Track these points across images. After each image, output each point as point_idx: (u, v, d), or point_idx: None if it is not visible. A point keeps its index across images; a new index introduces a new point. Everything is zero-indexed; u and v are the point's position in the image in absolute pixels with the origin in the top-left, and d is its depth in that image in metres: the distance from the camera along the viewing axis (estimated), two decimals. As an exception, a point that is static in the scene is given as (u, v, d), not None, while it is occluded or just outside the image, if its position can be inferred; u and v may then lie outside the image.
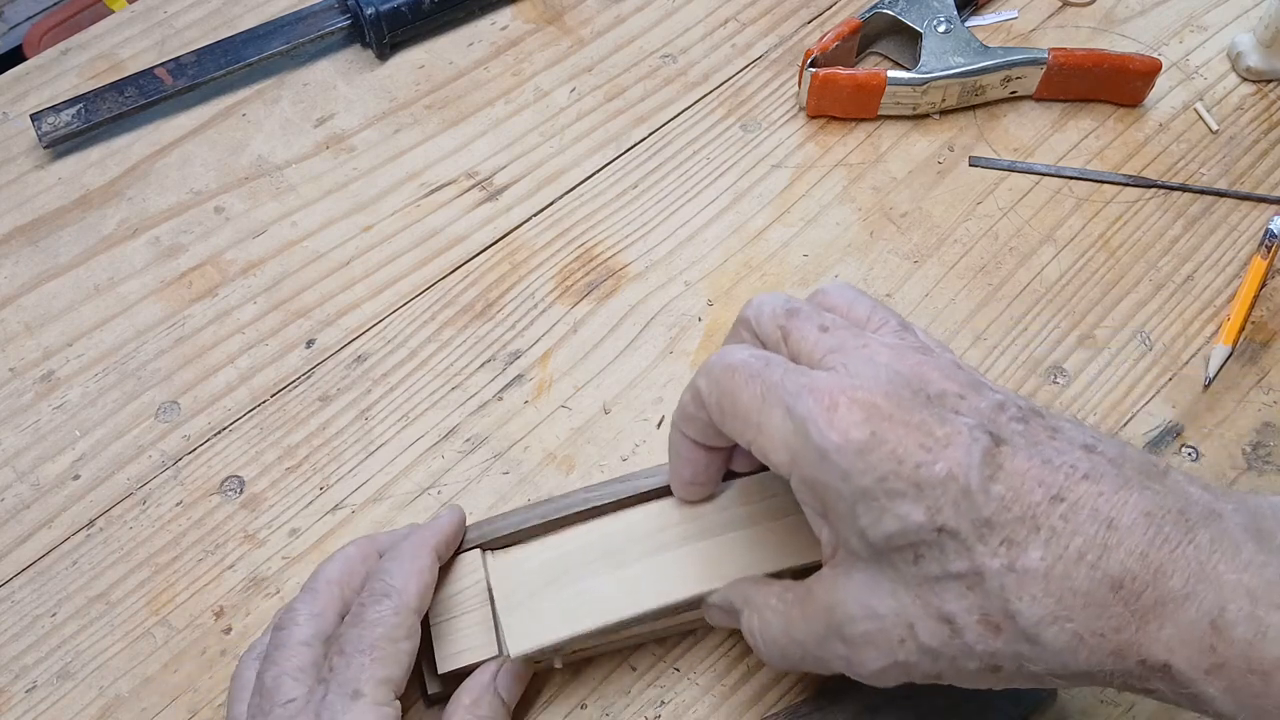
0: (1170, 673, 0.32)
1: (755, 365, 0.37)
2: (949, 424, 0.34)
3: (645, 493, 0.46)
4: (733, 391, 0.37)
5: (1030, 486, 0.33)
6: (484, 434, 0.53)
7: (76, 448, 0.53)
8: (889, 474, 0.34)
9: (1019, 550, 0.33)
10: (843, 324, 0.39)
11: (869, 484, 0.34)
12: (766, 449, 0.37)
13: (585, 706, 0.47)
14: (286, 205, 0.60)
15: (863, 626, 0.36)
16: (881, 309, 0.40)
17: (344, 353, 0.56)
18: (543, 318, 0.57)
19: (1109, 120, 0.62)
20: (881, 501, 0.34)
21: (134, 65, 0.65)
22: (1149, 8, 0.67)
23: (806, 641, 0.38)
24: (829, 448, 0.34)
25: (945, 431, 0.34)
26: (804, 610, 0.38)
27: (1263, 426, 0.53)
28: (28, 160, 0.62)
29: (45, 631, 0.48)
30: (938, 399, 0.35)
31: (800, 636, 0.38)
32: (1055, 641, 0.33)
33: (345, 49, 0.66)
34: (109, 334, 0.56)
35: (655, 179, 0.61)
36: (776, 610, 0.39)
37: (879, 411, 0.34)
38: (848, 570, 0.36)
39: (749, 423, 0.37)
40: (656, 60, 0.65)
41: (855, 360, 0.36)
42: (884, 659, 0.36)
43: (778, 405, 0.36)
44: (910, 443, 0.34)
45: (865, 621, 0.36)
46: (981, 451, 0.34)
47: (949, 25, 0.61)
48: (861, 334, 0.38)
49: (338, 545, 0.50)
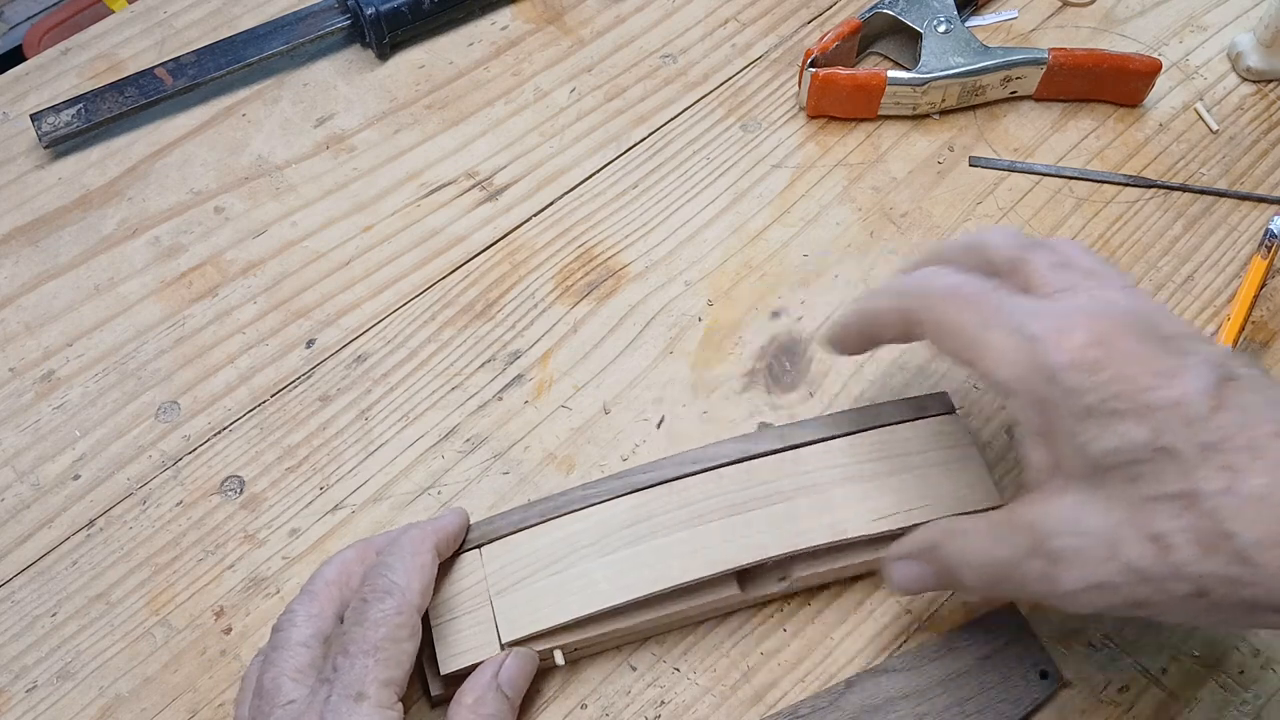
0: None
1: (977, 287, 0.40)
2: (1179, 357, 0.35)
3: (641, 488, 0.46)
4: (955, 312, 0.39)
5: (1256, 420, 0.34)
6: (484, 434, 0.53)
7: (76, 448, 0.53)
8: (1116, 394, 0.35)
9: (1240, 475, 0.34)
10: (1076, 267, 0.40)
11: (1094, 402, 0.35)
12: (990, 368, 0.38)
13: (585, 706, 0.47)
14: (286, 205, 0.60)
15: (1067, 541, 0.36)
16: (1108, 266, 0.41)
17: (344, 353, 0.56)
18: (543, 318, 0.57)
19: (1109, 120, 0.62)
20: (1105, 419, 0.35)
21: (134, 65, 0.65)
22: (1149, 8, 0.67)
23: (1008, 560, 0.38)
24: (1059, 365, 0.36)
25: (1176, 363, 0.35)
26: (1008, 529, 0.38)
27: (1263, 426, 0.53)
28: (28, 160, 0.62)
29: (45, 631, 0.48)
30: (1169, 339, 0.36)
31: (1002, 555, 0.38)
32: (1272, 563, 0.33)
33: (345, 49, 0.66)
34: (109, 334, 0.56)
35: (655, 179, 0.61)
36: (979, 531, 0.39)
37: (1111, 338, 0.36)
38: (1060, 491, 0.37)
39: (970, 341, 0.38)
40: (656, 60, 0.65)
41: (1087, 296, 0.38)
42: (1085, 577, 0.36)
43: (1002, 327, 0.38)
44: (1140, 368, 0.35)
45: (1071, 537, 0.36)
46: (1211, 382, 0.35)
47: (949, 25, 0.61)
48: (1094, 276, 0.40)
49: (338, 545, 0.50)
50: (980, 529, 0.40)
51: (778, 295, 0.57)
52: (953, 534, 0.41)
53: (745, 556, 0.45)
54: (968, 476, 0.47)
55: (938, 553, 0.41)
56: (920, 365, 0.55)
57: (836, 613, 0.48)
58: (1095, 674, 0.47)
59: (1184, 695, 0.46)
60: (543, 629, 0.43)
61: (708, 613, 0.47)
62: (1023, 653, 0.47)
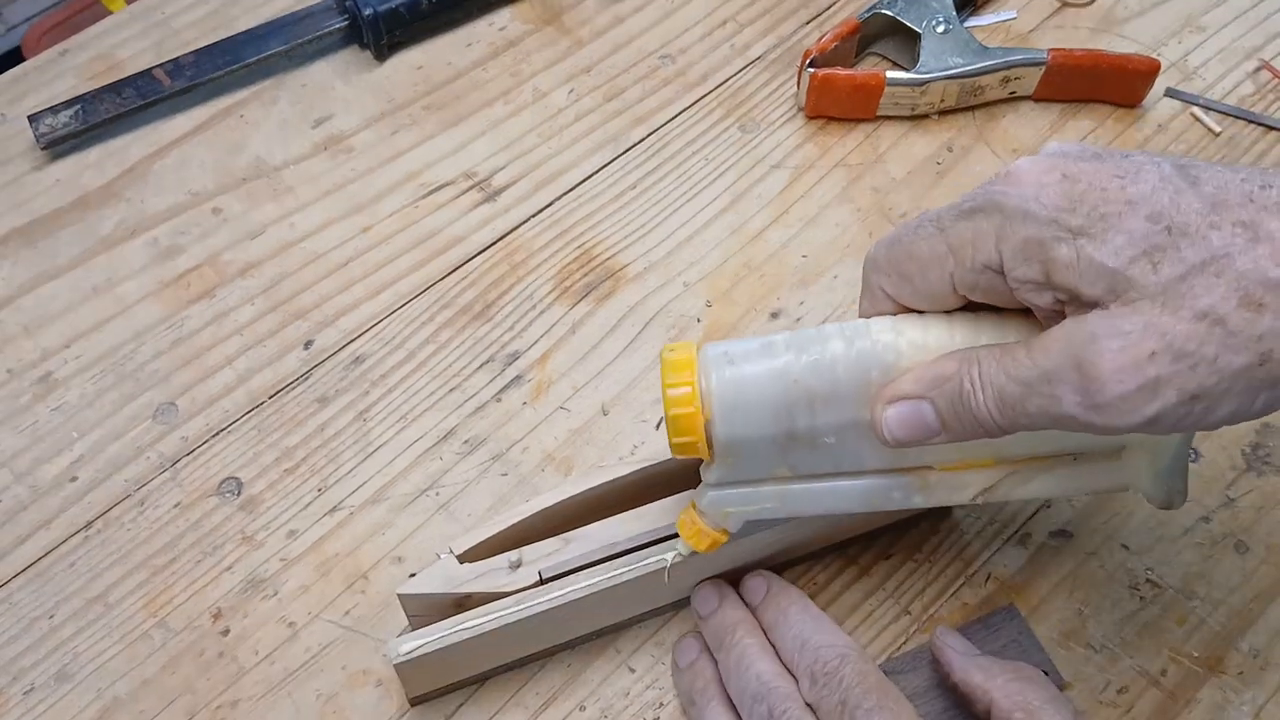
0: None
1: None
2: (1126, 159, 0.35)
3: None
4: (910, 242, 0.39)
5: (1233, 185, 0.34)
6: (482, 435, 0.53)
7: (74, 449, 0.53)
8: (1097, 202, 0.34)
9: (1255, 227, 0.33)
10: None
11: (1081, 219, 0.34)
12: (973, 257, 0.37)
13: (584, 708, 0.47)
14: (284, 206, 0.60)
15: (1105, 345, 0.34)
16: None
17: (342, 354, 0.56)
18: (541, 319, 0.56)
19: (1108, 121, 0.62)
20: (1100, 229, 0.34)
21: (132, 66, 0.64)
22: (1148, 8, 0.67)
23: (1037, 378, 0.36)
24: (1026, 202, 0.35)
25: (1129, 164, 0.35)
26: (1036, 350, 0.36)
27: (1262, 427, 0.53)
28: (25, 161, 0.62)
29: (43, 633, 0.48)
30: (1103, 155, 0.36)
31: (1028, 374, 0.36)
32: None
33: (343, 50, 0.66)
34: (107, 335, 0.56)
35: (654, 180, 0.61)
36: (998, 356, 0.37)
37: (1061, 162, 0.35)
38: (1082, 315, 0.35)
39: (948, 259, 0.38)
40: (655, 61, 0.65)
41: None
42: (1130, 380, 0.34)
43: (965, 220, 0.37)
44: (1104, 174, 0.35)
45: (1108, 340, 0.34)
46: (1170, 167, 0.35)
47: (948, 26, 0.61)
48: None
49: (336, 547, 0.50)
50: (999, 353, 0.37)
51: (777, 296, 0.57)
52: (968, 361, 0.37)
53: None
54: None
55: (947, 386, 0.38)
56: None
57: (835, 613, 0.48)
58: (1095, 675, 0.47)
59: (1183, 696, 0.46)
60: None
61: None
62: (1022, 654, 0.47)
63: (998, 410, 0.37)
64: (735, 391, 0.39)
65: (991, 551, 0.50)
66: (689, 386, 0.39)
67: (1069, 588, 0.49)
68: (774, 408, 0.39)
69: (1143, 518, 0.50)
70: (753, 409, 0.39)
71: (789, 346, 0.39)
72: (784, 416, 0.39)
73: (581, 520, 0.45)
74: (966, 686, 0.43)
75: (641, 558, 0.44)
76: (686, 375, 0.39)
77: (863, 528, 0.49)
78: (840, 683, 0.41)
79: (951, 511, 0.50)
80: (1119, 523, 0.50)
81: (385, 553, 0.50)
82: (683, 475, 0.47)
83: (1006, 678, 0.42)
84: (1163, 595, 0.49)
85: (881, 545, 0.50)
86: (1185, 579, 0.49)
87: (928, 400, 0.38)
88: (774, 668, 0.43)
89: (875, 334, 0.39)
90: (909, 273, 0.38)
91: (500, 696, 0.47)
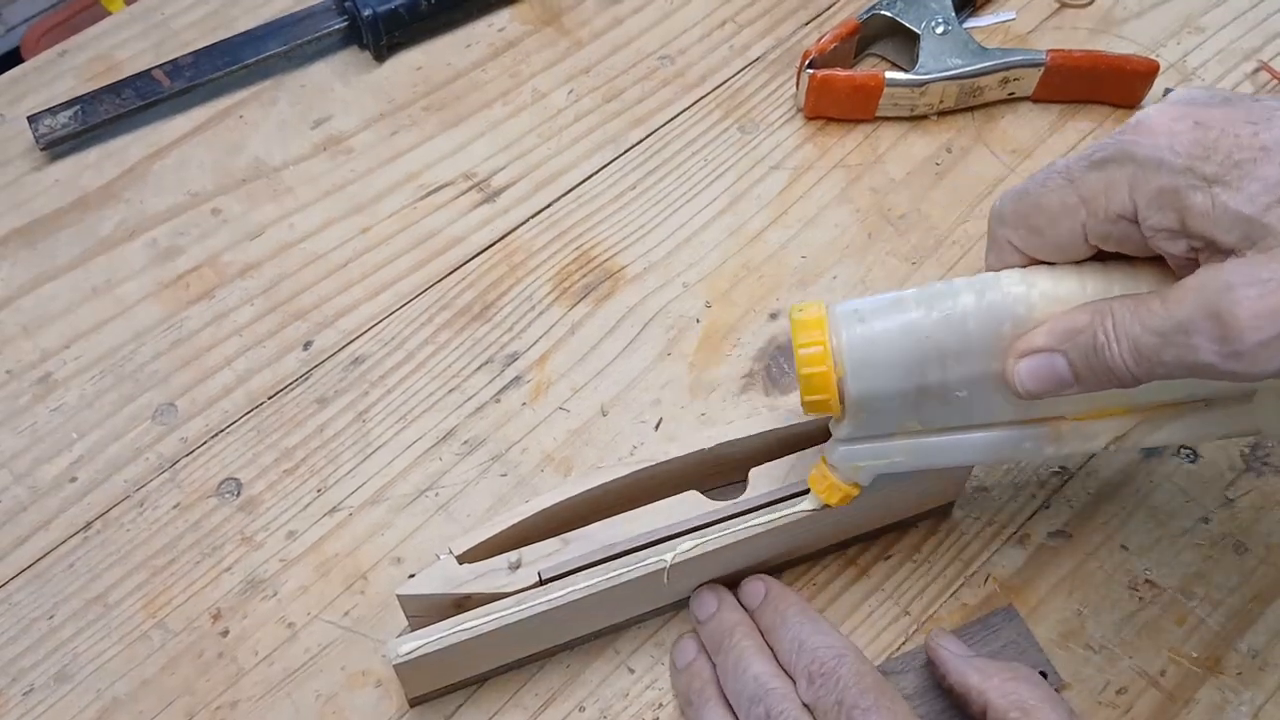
0: None
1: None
2: (1258, 105, 0.35)
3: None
4: (1039, 197, 0.39)
5: None
6: (482, 436, 0.53)
7: (74, 450, 0.53)
8: (1230, 149, 0.34)
9: None
10: None
11: (1215, 167, 0.34)
12: (1106, 207, 0.37)
13: (584, 709, 0.47)
14: (284, 207, 0.60)
15: (1242, 294, 0.34)
16: None
17: (341, 355, 0.56)
18: (540, 319, 0.56)
19: (1107, 122, 0.62)
20: (1234, 175, 0.34)
21: (131, 67, 0.64)
22: (1146, 9, 0.67)
23: (1173, 328, 0.35)
24: (1160, 151, 0.35)
25: (1263, 108, 0.35)
26: (1165, 300, 0.36)
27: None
28: (25, 162, 0.62)
29: (43, 634, 0.48)
30: (1233, 100, 0.36)
31: (1161, 326, 0.36)
32: None
33: (343, 50, 0.66)
34: (106, 336, 0.56)
35: (653, 180, 0.61)
36: (1133, 306, 0.37)
37: (1192, 110, 0.35)
38: (1215, 266, 0.35)
39: (1081, 209, 0.38)
40: (654, 62, 0.65)
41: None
42: (1269, 327, 0.34)
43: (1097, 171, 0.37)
44: (1236, 120, 0.35)
45: (1245, 288, 0.34)
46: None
47: (947, 26, 0.61)
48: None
49: (336, 548, 0.50)
50: (1133, 304, 0.37)
51: (776, 297, 0.57)
52: (1101, 312, 0.37)
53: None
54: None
55: (1081, 338, 0.37)
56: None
57: (834, 615, 0.48)
58: (1094, 675, 0.47)
59: (1182, 697, 0.46)
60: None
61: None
62: (1021, 654, 0.47)
63: (1133, 361, 0.37)
64: (867, 348, 0.39)
65: (990, 552, 0.50)
66: (820, 345, 0.39)
67: (1068, 588, 0.49)
68: (905, 363, 0.39)
69: (1142, 518, 0.51)
70: (884, 365, 0.39)
71: (919, 302, 0.39)
72: (915, 371, 0.39)
73: (581, 521, 0.45)
74: (962, 687, 0.43)
75: (641, 558, 0.44)
76: (817, 334, 0.39)
77: (861, 529, 0.49)
78: (837, 682, 0.41)
79: (951, 512, 0.50)
80: (1118, 523, 0.50)
81: (384, 553, 0.50)
82: (682, 476, 0.47)
83: (1002, 678, 0.42)
84: (1162, 596, 0.49)
85: (881, 546, 0.50)
86: (1184, 579, 0.49)
87: (1060, 353, 0.38)
88: (771, 669, 0.43)
89: (1006, 287, 0.39)
90: (1038, 225, 0.39)
91: (499, 697, 0.47)
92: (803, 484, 0.45)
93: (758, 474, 0.46)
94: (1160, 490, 0.51)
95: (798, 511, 0.45)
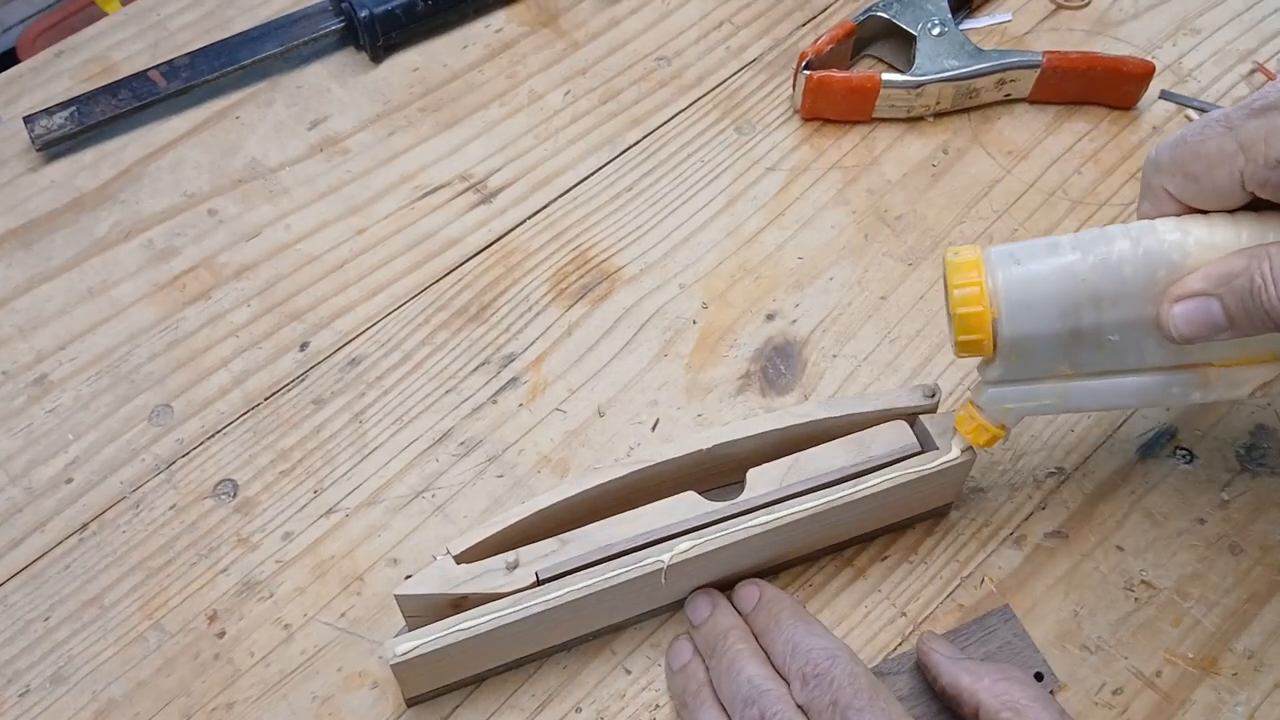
0: None
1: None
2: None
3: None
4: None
5: None
6: (478, 437, 0.53)
7: (69, 451, 0.53)
8: None
9: None
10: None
11: None
12: (1265, 154, 0.37)
13: (580, 710, 0.47)
14: (280, 208, 0.60)
15: None
16: None
17: (338, 356, 0.56)
18: (537, 320, 0.56)
19: (1103, 123, 0.63)
20: None
21: (127, 68, 0.64)
22: (1143, 11, 0.67)
23: None
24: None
25: None
26: None
27: (1256, 429, 0.53)
28: (20, 163, 0.62)
29: (38, 636, 0.48)
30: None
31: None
32: None
33: (339, 51, 0.66)
34: (102, 337, 0.56)
35: (650, 182, 0.61)
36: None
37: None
38: None
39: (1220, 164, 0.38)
40: (651, 63, 0.65)
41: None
42: None
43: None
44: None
45: None
46: None
47: (943, 28, 0.61)
48: None
49: (332, 549, 0.50)
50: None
51: (772, 298, 0.57)
52: (1258, 257, 0.38)
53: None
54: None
55: (1236, 282, 0.38)
56: (914, 367, 0.55)
57: (831, 615, 0.48)
58: (1090, 676, 0.47)
59: (1178, 697, 0.47)
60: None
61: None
62: (1017, 655, 0.47)
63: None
64: (1022, 290, 0.40)
65: (987, 553, 0.50)
66: (976, 286, 0.40)
67: (1064, 589, 0.49)
68: (1060, 306, 0.39)
69: (1138, 519, 0.51)
70: (1039, 307, 0.40)
71: (1074, 246, 0.40)
72: (1070, 314, 0.40)
73: (578, 522, 0.45)
74: (954, 689, 0.43)
75: (639, 559, 0.44)
76: (973, 275, 0.40)
77: (859, 531, 0.49)
78: (831, 683, 0.41)
79: (948, 513, 0.51)
80: (1114, 524, 0.50)
81: (381, 554, 0.50)
82: (679, 477, 0.47)
83: (993, 678, 0.42)
84: (1157, 596, 0.49)
85: (877, 547, 0.50)
86: (1180, 580, 0.49)
87: (1216, 297, 0.38)
88: (765, 671, 0.43)
89: (1161, 233, 0.39)
90: (1195, 172, 0.39)
91: (497, 697, 0.47)
92: (801, 484, 0.45)
93: (755, 475, 0.46)
94: (1156, 491, 0.51)
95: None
